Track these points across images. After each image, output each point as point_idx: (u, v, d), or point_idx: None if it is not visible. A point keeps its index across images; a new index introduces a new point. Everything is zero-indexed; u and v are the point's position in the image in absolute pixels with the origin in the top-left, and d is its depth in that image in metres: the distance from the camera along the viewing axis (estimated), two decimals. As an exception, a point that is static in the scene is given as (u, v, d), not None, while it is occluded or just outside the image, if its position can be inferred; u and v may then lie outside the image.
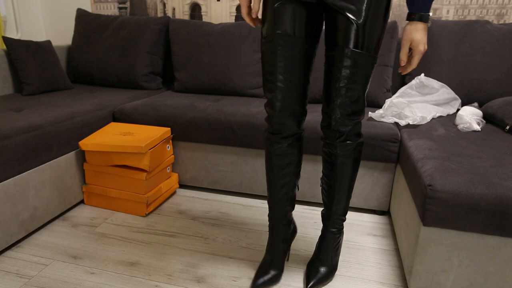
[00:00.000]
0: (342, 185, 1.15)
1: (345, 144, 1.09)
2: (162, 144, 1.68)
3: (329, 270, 1.24)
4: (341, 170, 1.12)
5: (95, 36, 2.29)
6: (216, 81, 2.10)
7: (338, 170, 1.12)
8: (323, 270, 1.23)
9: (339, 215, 1.20)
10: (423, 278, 1.11)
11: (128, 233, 1.51)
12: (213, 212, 1.69)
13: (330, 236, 1.23)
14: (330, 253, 1.24)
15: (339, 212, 1.19)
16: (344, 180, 1.14)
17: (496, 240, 1.02)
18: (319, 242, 1.27)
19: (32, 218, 1.45)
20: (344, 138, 1.08)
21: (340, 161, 1.11)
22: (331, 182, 1.15)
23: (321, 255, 1.24)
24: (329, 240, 1.23)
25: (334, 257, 1.25)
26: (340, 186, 1.15)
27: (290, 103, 1.06)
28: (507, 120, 1.46)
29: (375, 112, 1.65)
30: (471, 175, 1.04)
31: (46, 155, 1.48)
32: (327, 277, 1.23)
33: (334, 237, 1.23)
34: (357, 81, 1.01)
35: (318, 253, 1.25)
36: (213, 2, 2.38)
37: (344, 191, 1.16)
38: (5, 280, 1.23)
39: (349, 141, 1.09)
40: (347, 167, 1.12)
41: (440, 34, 1.88)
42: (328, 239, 1.23)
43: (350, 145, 1.09)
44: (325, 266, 1.24)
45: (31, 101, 1.80)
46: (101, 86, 2.32)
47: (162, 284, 1.22)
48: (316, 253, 1.26)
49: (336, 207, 1.18)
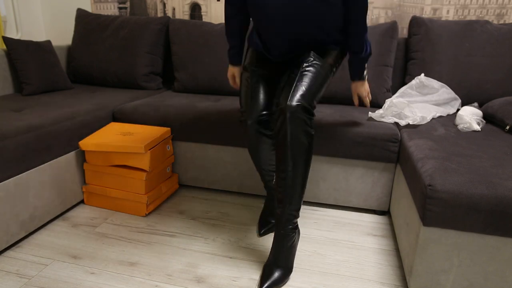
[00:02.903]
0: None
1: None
2: (162, 144, 1.68)
3: (284, 272, 1.22)
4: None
5: (95, 36, 2.29)
6: (216, 81, 2.10)
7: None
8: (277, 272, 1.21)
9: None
10: (423, 278, 1.11)
11: (128, 233, 1.51)
12: (213, 212, 1.69)
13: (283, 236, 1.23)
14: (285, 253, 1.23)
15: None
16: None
17: (496, 240, 1.02)
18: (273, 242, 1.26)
19: (32, 218, 1.45)
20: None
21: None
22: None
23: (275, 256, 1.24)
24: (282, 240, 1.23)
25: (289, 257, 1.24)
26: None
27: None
28: (507, 120, 1.46)
29: (375, 112, 1.65)
30: (471, 175, 1.04)
31: (46, 155, 1.48)
32: (281, 279, 1.21)
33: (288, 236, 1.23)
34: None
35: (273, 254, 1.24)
36: (213, 2, 2.38)
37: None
38: (5, 280, 1.23)
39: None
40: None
41: (440, 34, 1.88)
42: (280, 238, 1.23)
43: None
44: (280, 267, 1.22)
45: (31, 101, 1.80)
46: (101, 86, 2.32)
47: (162, 284, 1.22)
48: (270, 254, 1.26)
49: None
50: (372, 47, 1.93)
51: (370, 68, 1.91)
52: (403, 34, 2.18)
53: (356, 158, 1.59)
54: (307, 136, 1.14)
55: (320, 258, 1.38)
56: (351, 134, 1.56)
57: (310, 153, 1.16)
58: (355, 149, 1.56)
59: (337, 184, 1.67)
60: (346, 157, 1.60)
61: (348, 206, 1.76)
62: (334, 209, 1.74)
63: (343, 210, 1.73)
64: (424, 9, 2.12)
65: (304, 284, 1.24)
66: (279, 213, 1.20)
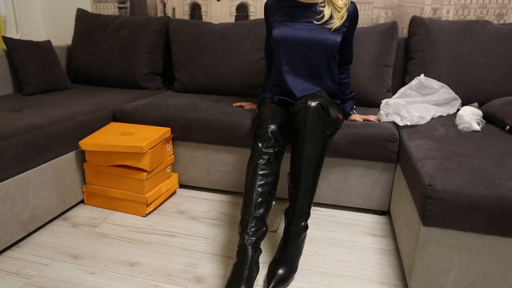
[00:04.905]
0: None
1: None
2: (162, 144, 1.68)
3: (291, 271, 1.23)
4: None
5: (95, 36, 2.29)
6: (216, 81, 2.10)
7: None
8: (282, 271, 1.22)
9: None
10: (423, 278, 1.11)
11: (128, 233, 1.51)
12: (213, 212, 1.69)
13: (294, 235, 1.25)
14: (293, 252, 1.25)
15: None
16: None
17: (496, 240, 1.02)
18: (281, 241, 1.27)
19: (32, 218, 1.45)
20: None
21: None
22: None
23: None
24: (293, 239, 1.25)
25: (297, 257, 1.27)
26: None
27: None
28: (507, 120, 1.46)
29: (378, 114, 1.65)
30: (471, 175, 1.04)
31: (46, 155, 1.48)
32: (288, 278, 1.21)
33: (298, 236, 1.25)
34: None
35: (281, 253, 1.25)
36: (213, 2, 2.38)
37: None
38: (5, 280, 1.23)
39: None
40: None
41: (440, 34, 1.88)
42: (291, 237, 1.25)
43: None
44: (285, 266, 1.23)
45: (31, 101, 1.80)
46: (101, 86, 2.32)
47: (162, 284, 1.22)
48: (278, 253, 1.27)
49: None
50: (372, 47, 1.93)
51: (370, 68, 1.91)
52: (403, 34, 2.18)
53: (356, 158, 1.59)
54: (323, 131, 1.24)
55: (320, 258, 1.38)
56: (350, 134, 1.56)
57: (324, 149, 1.25)
58: (355, 149, 1.56)
59: (337, 184, 1.67)
60: (346, 157, 1.60)
61: (348, 206, 1.76)
62: (334, 209, 1.74)
63: (343, 210, 1.73)
64: (424, 9, 2.12)
65: (304, 284, 1.24)
66: (292, 211, 1.24)
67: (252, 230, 1.14)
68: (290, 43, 1.49)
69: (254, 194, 1.18)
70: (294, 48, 1.50)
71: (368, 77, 1.90)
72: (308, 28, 1.49)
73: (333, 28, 1.47)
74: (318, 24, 1.49)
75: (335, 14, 1.48)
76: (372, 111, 1.83)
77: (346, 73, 1.65)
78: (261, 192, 1.18)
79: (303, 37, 1.48)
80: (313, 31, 1.48)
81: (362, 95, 1.91)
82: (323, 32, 1.47)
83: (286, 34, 1.49)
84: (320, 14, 1.49)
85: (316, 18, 1.49)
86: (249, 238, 1.13)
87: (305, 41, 1.47)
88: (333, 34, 1.48)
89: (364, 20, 2.21)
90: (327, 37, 1.47)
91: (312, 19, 1.50)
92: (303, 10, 1.51)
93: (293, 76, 1.53)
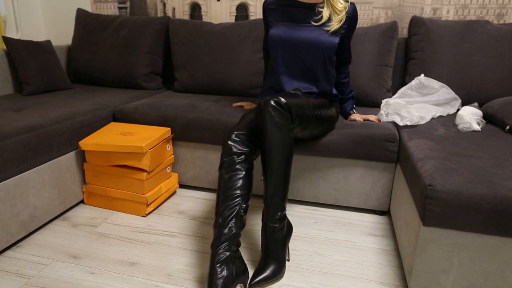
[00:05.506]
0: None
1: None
2: (162, 144, 1.68)
3: (276, 267, 1.23)
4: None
5: (95, 36, 2.29)
6: (216, 81, 2.10)
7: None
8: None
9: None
10: (423, 278, 1.11)
11: (128, 233, 1.51)
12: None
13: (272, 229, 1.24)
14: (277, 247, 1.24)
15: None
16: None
17: (496, 240, 1.02)
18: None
19: (32, 218, 1.45)
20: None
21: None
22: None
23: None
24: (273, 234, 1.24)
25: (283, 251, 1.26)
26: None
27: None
28: (507, 120, 1.46)
29: (379, 114, 1.65)
30: (471, 175, 1.04)
31: (46, 155, 1.48)
32: (274, 275, 1.21)
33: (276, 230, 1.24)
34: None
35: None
36: (213, 2, 2.38)
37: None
38: (5, 280, 1.23)
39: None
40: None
41: (440, 34, 1.89)
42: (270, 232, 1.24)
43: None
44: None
45: (31, 101, 1.80)
46: (101, 86, 2.32)
47: (162, 284, 1.22)
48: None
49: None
50: (372, 47, 1.93)
51: (371, 68, 1.91)
52: (403, 34, 2.18)
53: (356, 158, 1.59)
54: (283, 125, 1.22)
55: (320, 258, 1.38)
56: (350, 134, 1.56)
57: (286, 142, 1.23)
58: (355, 149, 1.56)
59: (337, 184, 1.67)
60: (346, 157, 1.60)
61: (348, 206, 1.76)
62: (334, 209, 1.74)
63: (343, 210, 1.73)
64: (424, 9, 2.12)
65: (304, 284, 1.24)
66: (265, 205, 1.23)
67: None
68: (287, 43, 1.49)
69: (225, 202, 1.20)
70: (290, 49, 1.49)
71: (368, 77, 1.91)
72: (306, 29, 1.48)
73: (331, 31, 1.47)
74: (316, 25, 1.48)
75: (334, 17, 1.47)
76: (372, 111, 1.83)
77: (345, 73, 1.65)
78: (231, 196, 1.20)
79: (299, 38, 1.47)
80: (310, 32, 1.47)
81: (362, 95, 1.92)
82: (321, 34, 1.47)
83: (283, 35, 1.49)
84: (318, 15, 1.49)
85: (315, 19, 1.49)
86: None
87: (302, 42, 1.47)
88: (330, 36, 1.47)
89: (364, 20, 2.21)
90: (325, 38, 1.46)
91: (310, 20, 1.49)
92: (302, 10, 1.51)
93: (288, 78, 1.53)
